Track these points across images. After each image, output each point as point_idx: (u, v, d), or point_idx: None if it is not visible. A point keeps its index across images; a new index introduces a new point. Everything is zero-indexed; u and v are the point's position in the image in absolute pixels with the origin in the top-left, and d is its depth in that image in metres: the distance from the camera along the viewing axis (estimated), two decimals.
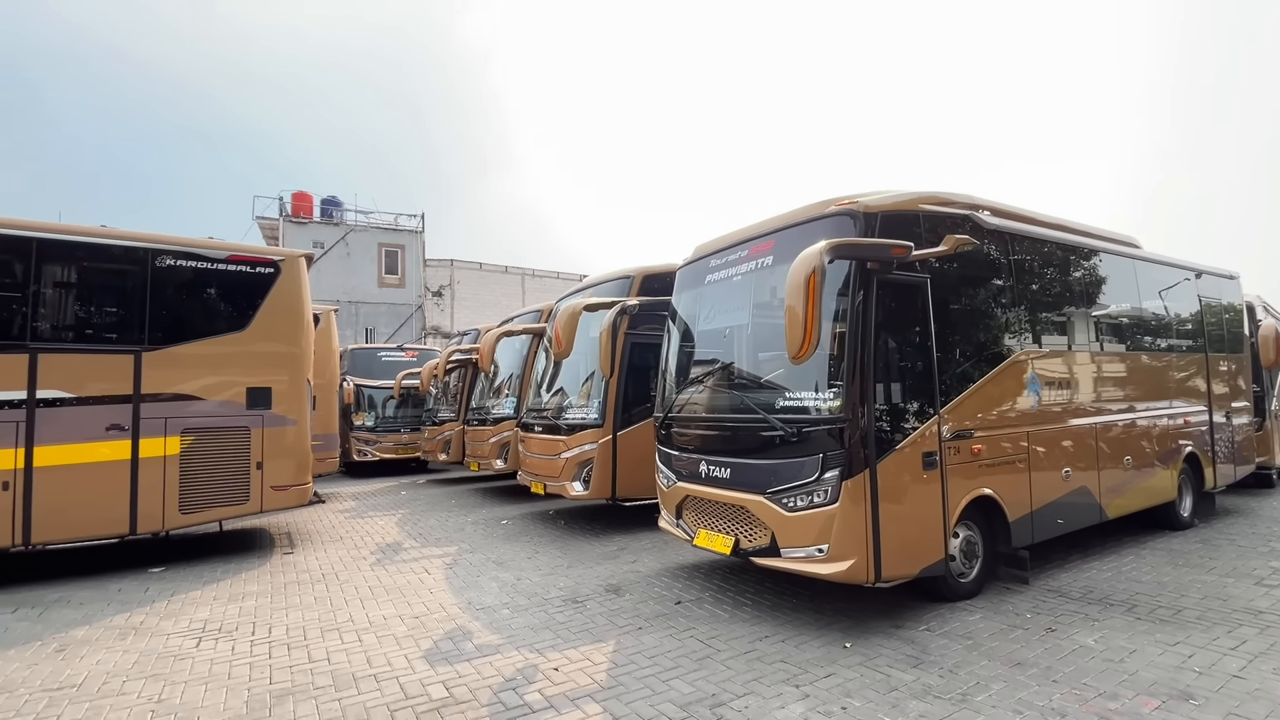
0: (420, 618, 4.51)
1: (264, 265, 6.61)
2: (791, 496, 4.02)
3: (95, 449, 5.67)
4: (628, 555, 6.18)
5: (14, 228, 5.58)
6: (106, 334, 5.97)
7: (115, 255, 6.01)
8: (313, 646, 4.01)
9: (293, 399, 6.63)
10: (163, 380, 5.97)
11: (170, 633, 4.33)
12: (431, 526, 7.89)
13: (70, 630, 4.41)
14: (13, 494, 5.35)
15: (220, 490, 6.19)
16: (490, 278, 29.51)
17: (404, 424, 14.45)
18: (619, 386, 7.01)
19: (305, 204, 25.15)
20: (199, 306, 6.36)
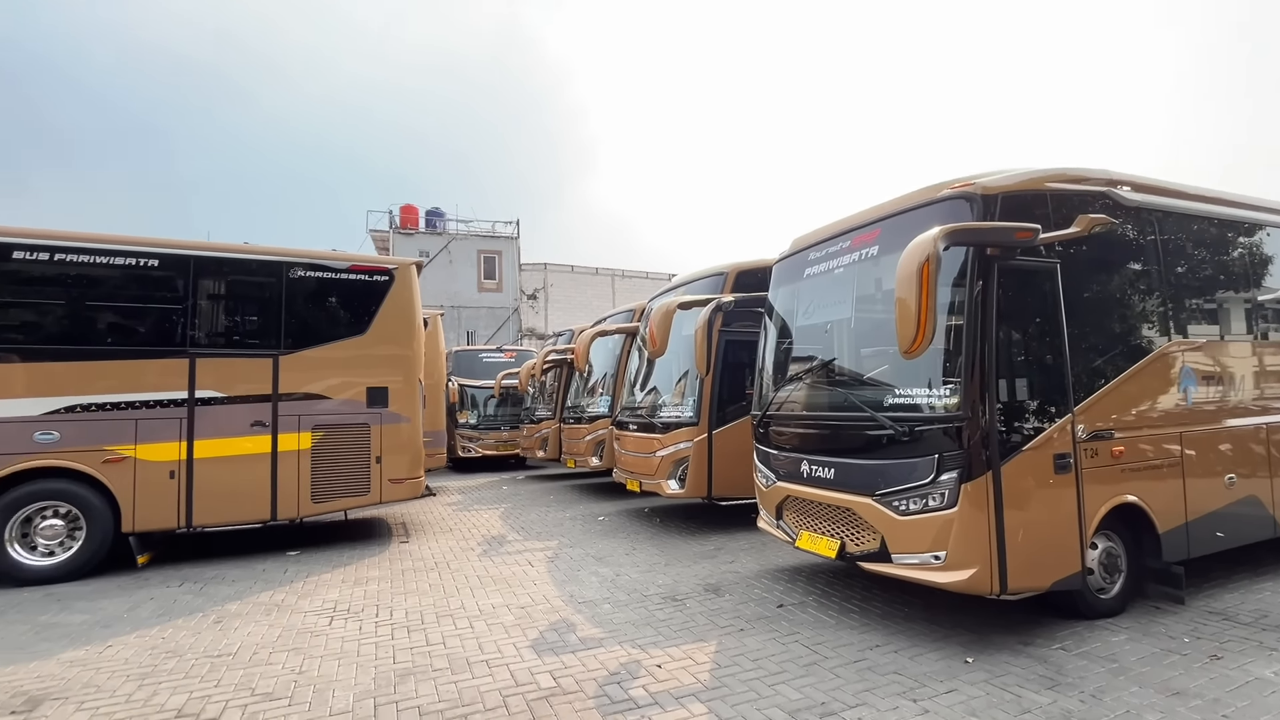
0: (526, 608, 4.66)
1: (380, 274, 7.10)
2: (903, 499, 3.80)
3: (242, 443, 6.32)
4: (725, 555, 6.10)
5: (176, 247, 6.33)
6: (250, 340, 6.64)
7: (256, 269, 6.67)
8: (429, 630, 4.26)
9: (407, 398, 7.09)
10: (296, 381, 6.56)
11: (306, 611, 4.74)
12: (532, 520, 8.17)
13: (225, 604, 4.93)
14: (178, 482, 6.07)
15: (345, 482, 6.72)
16: (582, 280, 30.23)
17: (504, 422, 15.08)
18: (714, 384, 6.94)
19: (412, 216, 26.89)
20: (325, 313, 6.94)
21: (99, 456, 5.82)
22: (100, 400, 5.89)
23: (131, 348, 6.14)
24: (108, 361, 5.98)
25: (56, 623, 4.60)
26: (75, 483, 5.78)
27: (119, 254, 6.11)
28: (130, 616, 4.71)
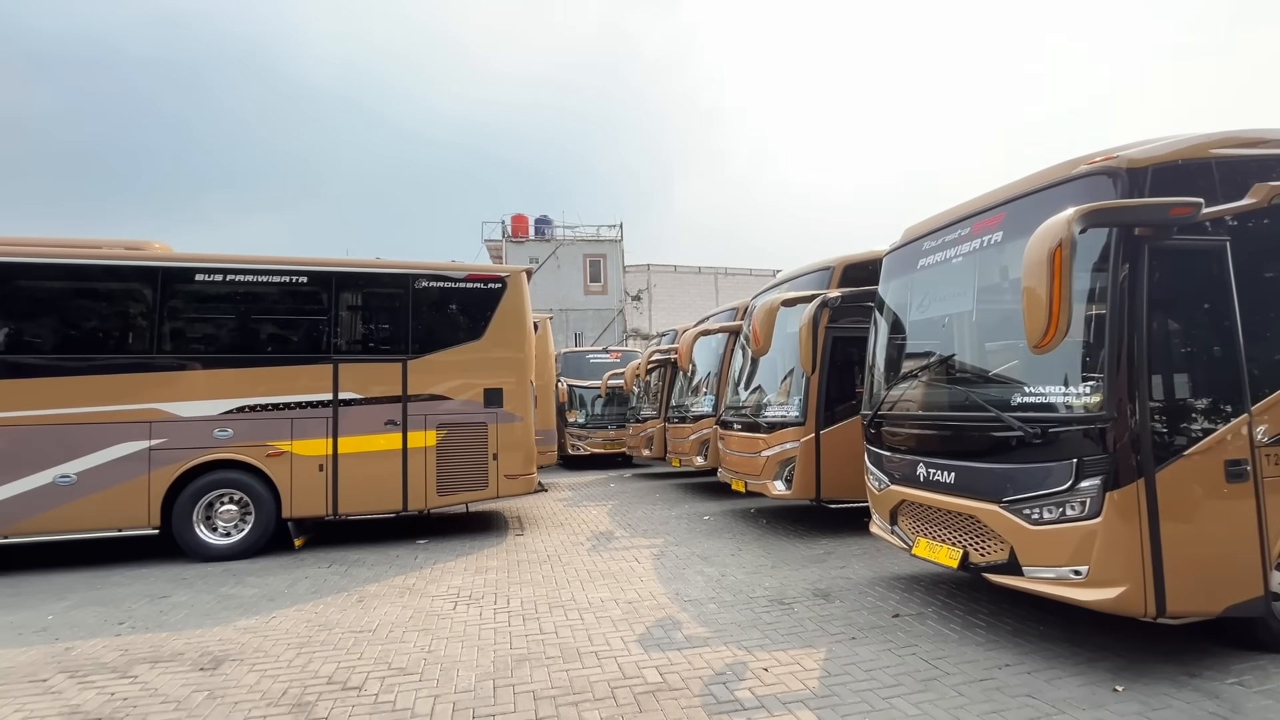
0: (633, 603, 4.77)
1: (494, 281, 7.54)
2: (1036, 507, 3.48)
3: (377, 440, 6.96)
4: (835, 560, 5.88)
5: (321, 265, 7.09)
6: (382, 346, 7.30)
7: (387, 281, 7.32)
8: (543, 619, 4.47)
9: (519, 398, 7.47)
10: (422, 383, 7.13)
11: (434, 595, 5.14)
12: (639, 518, 8.32)
13: (365, 586, 5.46)
14: (325, 474, 6.80)
15: (466, 477, 7.21)
16: (685, 279, 30.31)
17: (611, 421, 15.46)
18: (821, 383, 6.71)
19: (522, 224, 28.25)
20: (446, 320, 7.48)
21: (264, 451, 6.66)
22: (264, 401, 6.73)
23: (287, 355, 6.96)
24: (269, 368, 6.82)
25: (233, 594, 5.31)
26: (245, 473, 6.64)
27: (276, 273, 6.94)
28: (290, 592, 5.34)
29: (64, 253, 6.63)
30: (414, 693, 3.38)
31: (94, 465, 6.27)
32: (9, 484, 6.08)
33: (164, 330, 6.65)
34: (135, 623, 4.66)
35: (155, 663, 3.88)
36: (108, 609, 4.99)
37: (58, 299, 6.64)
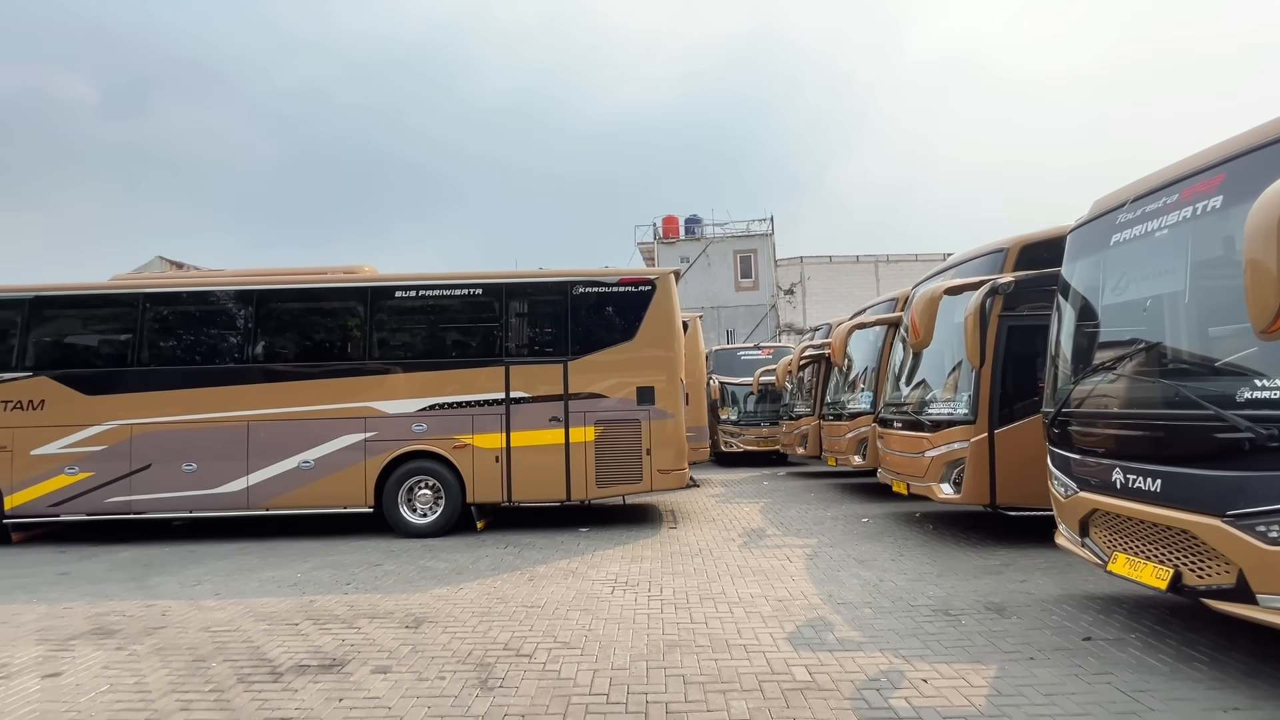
0: (783, 601, 4.74)
1: (644, 284, 7.87)
2: (1274, 524, 2.90)
3: (543, 435, 7.61)
4: (1014, 572, 5.33)
5: (493, 278, 7.91)
6: (546, 349, 7.95)
7: (548, 290, 7.97)
8: (694, 609, 4.62)
9: (670, 396, 7.72)
10: (581, 383, 7.65)
11: (594, 579, 5.52)
12: (792, 517, 8.17)
13: (535, 567, 6.02)
14: (501, 465, 7.58)
15: (622, 471, 7.61)
16: (841, 270, 28.90)
17: (763, 418, 15.27)
18: (994, 377, 6.09)
19: (672, 225, 28.83)
20: (601, 323, 7.95)
21: (451, 443, 7.60)
22: (450, 400, 7.67)
23: (467, 359, 7.87)
24: (453, 370, 7.76)
25: (429, 566, 6.15)
26: (437, 463, 7.62)
27: (457, 287, 7.88)
28: (473, 568, 6.06)
29: (298, 279, 8.11)
30: (576, 665, 3.70)
31: (327, 453, 7.61)
32: (268, 467, 7.60)
33: (373, 340, 7.86)
34: (357, 585, 5.59)
35: (372, 618, 4.65)
36: (337, 572, 6.05)
37: (296, 317, 8.16)
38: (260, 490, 7.60)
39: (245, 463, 7.61)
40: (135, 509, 7.67)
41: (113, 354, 8.06)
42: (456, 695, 3.34)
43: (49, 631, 4.56)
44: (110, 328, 8.15)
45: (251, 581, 5.79)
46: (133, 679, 3.68)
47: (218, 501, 7.64)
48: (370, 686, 3.49)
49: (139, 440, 7.66)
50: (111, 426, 7.68)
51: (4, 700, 3.46)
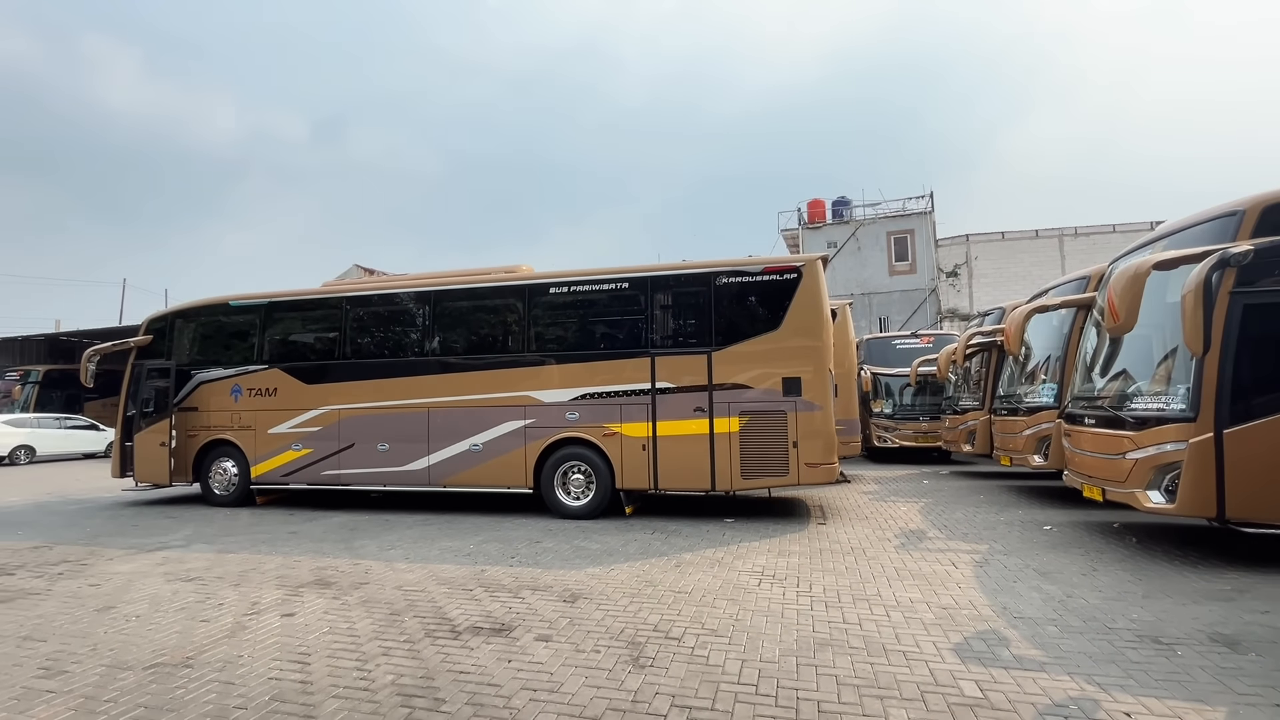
0: (948, 610, 4.38)
1: (789, 272, 7.64)
2: None
3: (688, 425, 7.70)
4: (1251, 601, 4.44)
5: (639, 271, 8.13)
6: (690, 340, 8.03)
7: (692, 281, 8.02)
8: (846, 609, 4.42)
9: (818, 387, 7.43)
10: (725, 373, 7.63)
11: (740, 570, 5.50)
12: (957, 520, 7.50)
13: (681, 554, 6.13)
14: (648, 454, 7.80)
15: (767, 463, 7.48)
16: (1015, 247, 25.82)
17: (922, 412, 14.16)
18: (1222, 366, 5.09)
19: (818, 209, 27.59)
20: (745, 313, 7.85)
21: (601, 431, 7.96)
22: (600, 390, 8.03)
23: (615, 350, 8.18)
24: (602, 361, 8.11)
25: (583, 547, 6.52)
26: (588, 449, 8.03)
27: (605, 281, 8.21)
28: (623, 550, 6.31)
29: (465, 280, 8.93)
30: (724, 653, 3.72)
31: (493, 437, 8.34)
32: (444, 449, 8.49)
33: (531, 334, 8.45)
34: (521, 559, 6.08)
35: (535, 590, 5.03)
36: (504, 546, 6.62)
37: (464, 314, 9.00)
38: (439, 469, 8.53)
39: (427, 444, 8.58)
40: (343, 481, 8.98)
41: (324, 349, 9.48)
42: (610, 669, 3.51)
43: (284, 579, 5.51)
44: (321, 327, 9.59)
45: (433, 549, 6.53)
46: (345, 624, 4.32)
47: (405, 478, 8.70)
48: (534, 652, 3.78)
49: (345, 423, 8.95)
50: (324, 411, 9.05)
51: (257, 630, 4.24)
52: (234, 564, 6.07)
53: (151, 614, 4.62)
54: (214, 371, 9.68)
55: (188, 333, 10.07)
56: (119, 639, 4.12)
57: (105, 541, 7.18)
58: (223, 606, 4.77)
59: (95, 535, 7.57)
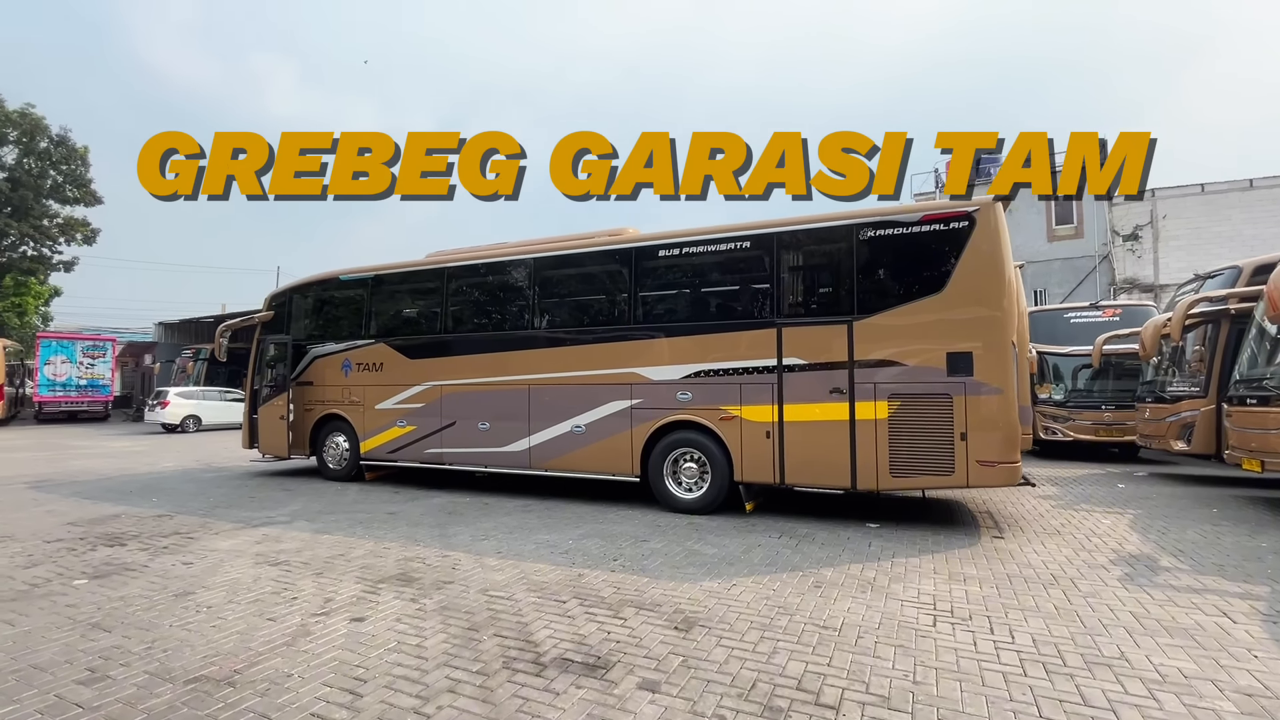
0: (1256, 698, 2.88)
1: (958, 219, 6.06)
2: None
3: (822, 409, 6.41)
4: None
5: (762, 227, 6.87)
6: (826, 307, 6.70)
7: (829, 236, 6.65)
8: (1081, 681, 3.06)
9: (996, 365, 5.86)
10: (870, 347, 6.24)
11: (901, 598, 4.23)
12: (1193, 542, 5.65)
13: (820, 569, 4.93)
14: (772, 442, 6.61)
15: (925, 458, 6.03)
16: (1218, 202, 21.27)
17: (1105, 399, 11.71)
18: None
19: None
20: (898, 273, 6.39)
21: (717, 414, 6.87)
22: (715, 367, 6.93)
23: (733, 321, 7.02)
24: (718, 334, 6.98)
25: (697, 550, 5.50)
26: (702, 435, 6.98)
27: (724, 241, 7.04)
28: (745, 559, 5.22)
29: (565, 245, 8.11)
30: None
31: (596, 419, 7.52)
32: (545, 430, 7.80)
33: (636, 303, 7.50)
34: (624, 562, 5.18)
35: (639, 608, 4.09)
36: (605, 544, 5.76)
37: (564, 282, 8.22)
38: (539, 451, 7.87)
39: (527, 424, 7.94)
40: (445, 461, 8.61)
41: (425, 322, 9.13)
42: None
43: (367, 570, 4.98)
44: (423, 299, 9.24)
45: (528, 543, 5.80)
46: (415, 640, 3.61)
47: (505, 459, 8.13)
48: (636, 708, 2.82)
49: (446, 400, 8.54)
50: (426, 387, 8.69)
51: (319, 639, 3.64)
52: (324, 547, 5.69)
53: (223, 605, 4.19)
54: (327, 346, 9.68)
55: (303, 308, 10.16)
56: (179, 636, 3.68)
57: (220, 514, 7.19)
58: (295, 602, 4.26)
59: (214, 506, 7.67)
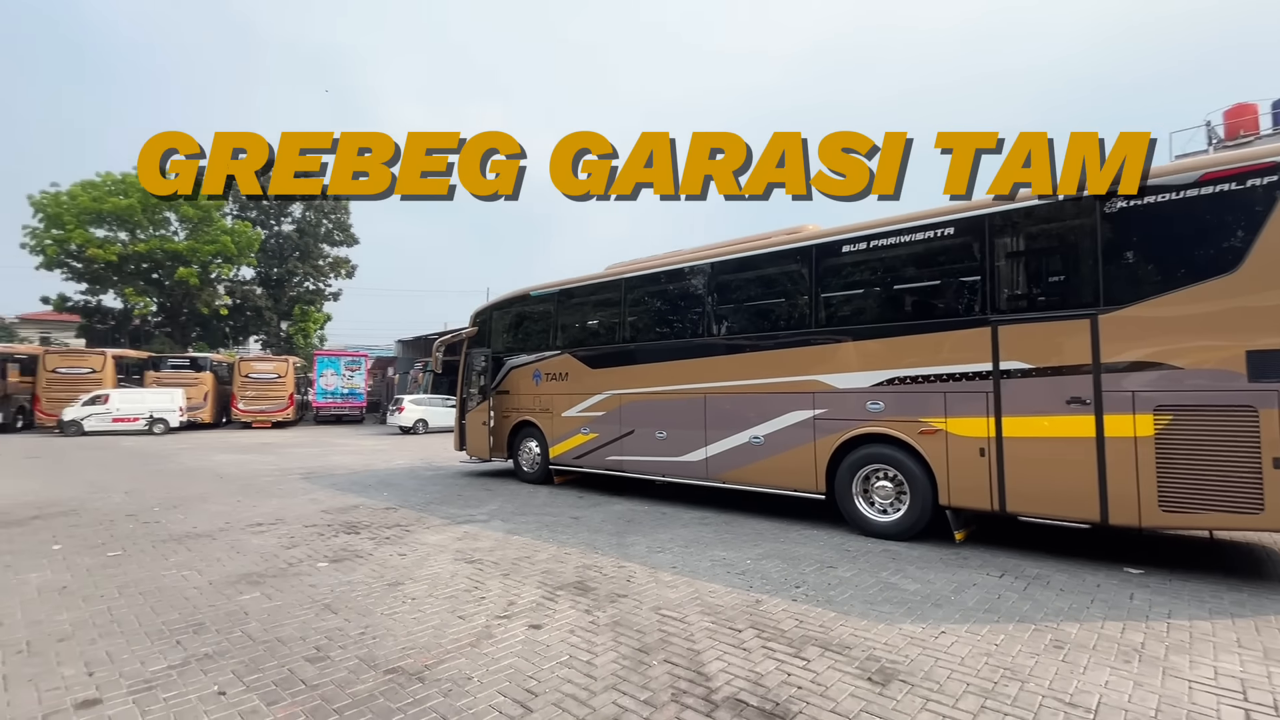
0: None
1: (1258, 174, 4.59)
2: None
3: (1056, 422, 5.26)
4: None
5: (972, 209, 5.87)
6: (1059, 297, 5.53)
7: (1061, 211, 5.48)
8: None
9: None
10: (1124, 346, 4.98)
11: (1190, 679, 3.19)
12: None
13: (1060, 622, 3.97)
14: (988, 461, 5.59)
15: (1215, 489, 4.63)
16: None
17: None
18: None
19: (1245, 118, 19.28)
20: (1163, 250, 5.02)
21: (915, 427, 6.01)
22: (912, 373, 6.08)
23: (936, 320, 6.10)
24: (917, 335, 6.13)
25: (894, 584, 4.80)
26: (898, 449, 6.16)
27: (921, 229, 6.18)
28: (956, 600, 4.42)
29: (741, 248, 7.76)
30: None
31: (775, 429, 7.06)
32: (722, 440, 7.52)
33: (819, 304, 6.90)
34: (808, 590, 4.68)
35: (824, 649, 3.60)
36: (787, 567, 5.29)
37: (740, 286, 7.86)
38: (717, 462, 7.61)
39: (704, 434, 7.73)
40: (624, 468, 8.73)
41: (605, 333, 9.40)
42: None
43: (548, 575, 5.11)
44: (603, 311, 9.52)
45: (704, 560, 5.55)
46: (586, 656, 3.54)
47: (682, 469, 8.00)
48: None
49: (625, 408, 8.67)
50: (607, 396, 8.92)
51: (500, 642, 3.74)
52: (513, 548, 6.00)
53: (424, 598, 4.55)
54: (520, 357, 10.44)
55: (501, 323, 11.10)
56: (386, 624, 4.03)
57: (433, 509, 8.03)
58: (483, 601, 4.48)
59: (429, 502, 8.61)
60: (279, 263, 37.19)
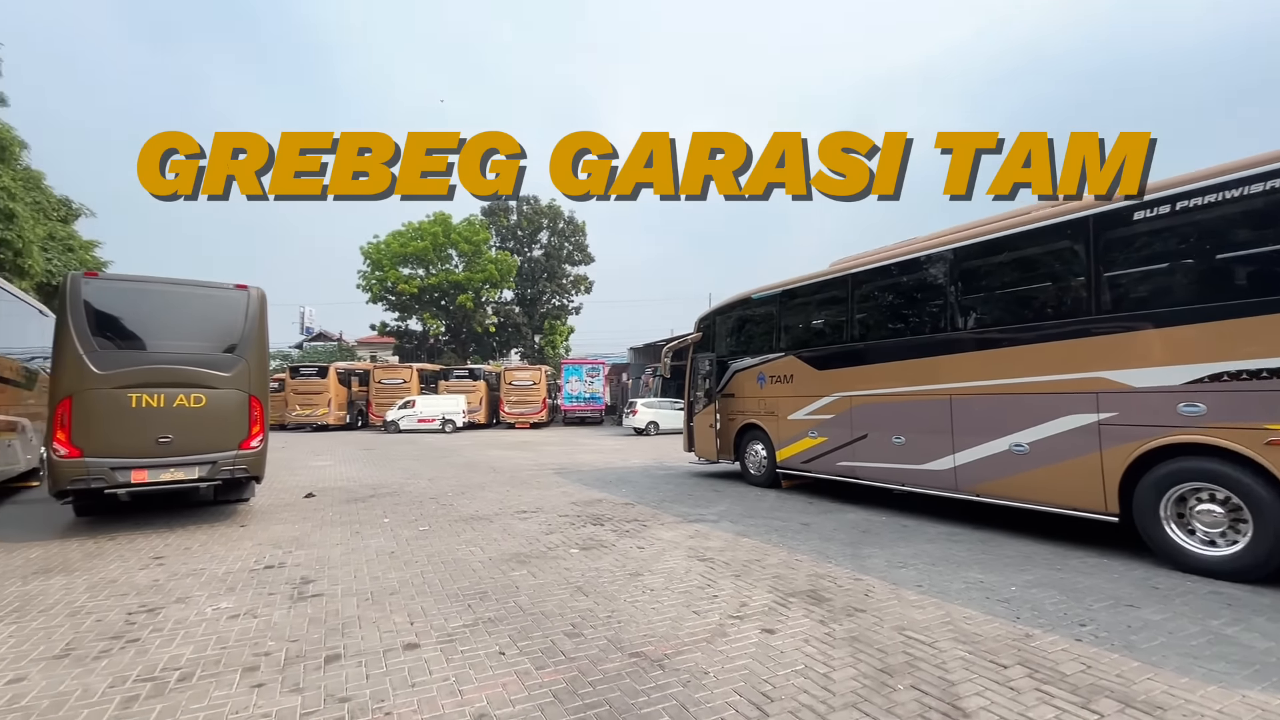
0: None
1: None
2: None
3: None
4: None
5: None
6: None
7: None
8: None
9: None
10: None
11: None
12: None
13: None
14: None
15: None
16: None
17: None
18: None
19: None
20: None
21: (1258, 436, 4.64)
22: (1250, 366, 4.72)
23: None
24: (1257, 316, 4.74)
25: (1230, 637, 3.75)
26: (1229, 464, 4.82)
27: (1252, 180, 4.78)
28: None
29: (991, 228, 6.79)
30: None
31: (1043, 436, 6.04)
32: (974, 447, 6.65)
33: (1101, 285, 5.73)
34: (1098, 629, 3.90)
35: (1126, 705, 2.96)
36: (1067, 599, 4.47)
37: (991, 272, 6.88)
38: (967, 472, 6.75)
39: (950, 439, 6.93)
40: (857, 475, 8.22)
41: (832, 332, 8.97)
42: None
43: (780, 581, 5.03)
44: (829, 309, 9.10)
45: (956, 580, 4.96)
46: (822, 668, 3.40)
47: (925, 478, 7.26)
48: None
49: (857, 411, 8.18)
50: (835, 398, 8.50)
51: (734, 641, 3.79)
52: (743, 550, 6.03)
53: (662, 590, 4.81)
54: (744, 360, 10.49)
55: (724, 327, 11.28)
56: (629, 611, 4.35)
57: (666, 507, 8.46)
58: (716, 600, 4.58)
59: (662, 500, 9.09)
60: (530, 284, 42.83)
